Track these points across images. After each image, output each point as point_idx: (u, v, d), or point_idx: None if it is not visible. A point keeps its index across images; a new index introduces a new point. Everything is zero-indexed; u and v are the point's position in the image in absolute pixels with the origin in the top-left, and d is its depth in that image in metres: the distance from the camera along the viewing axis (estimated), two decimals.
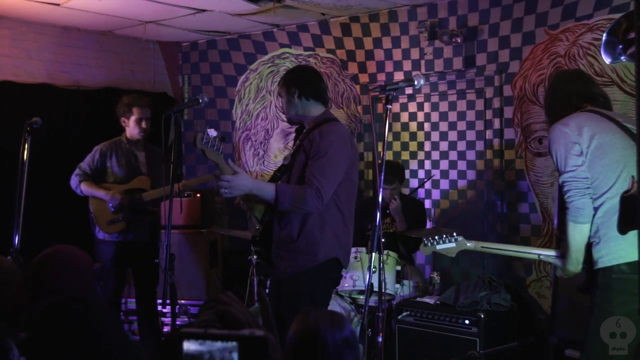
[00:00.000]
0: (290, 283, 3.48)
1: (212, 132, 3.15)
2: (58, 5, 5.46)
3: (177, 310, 3.64)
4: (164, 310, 5.34)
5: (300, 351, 1.95)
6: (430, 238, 3.25)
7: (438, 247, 3.12)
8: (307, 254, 3.44)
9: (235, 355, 1.16)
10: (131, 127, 5.02)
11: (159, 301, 5.21)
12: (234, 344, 1.16)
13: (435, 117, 5.83)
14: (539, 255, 3.29)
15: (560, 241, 3.21)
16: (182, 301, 5.65)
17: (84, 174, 5.01)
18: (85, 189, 4.97)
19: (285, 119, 3.74)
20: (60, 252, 2.53)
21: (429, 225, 5.26)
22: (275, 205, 3.33)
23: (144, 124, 5.03)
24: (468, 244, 3.34)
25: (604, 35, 3.01)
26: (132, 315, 5.71)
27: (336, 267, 3.55)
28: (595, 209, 3.01)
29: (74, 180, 5.00)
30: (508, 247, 3.32)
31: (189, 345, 1.16)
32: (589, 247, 3.06)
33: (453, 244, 3.13)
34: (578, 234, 3.02)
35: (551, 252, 3.25)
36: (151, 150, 5.19)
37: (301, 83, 3.55)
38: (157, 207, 5.10)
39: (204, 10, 5.82)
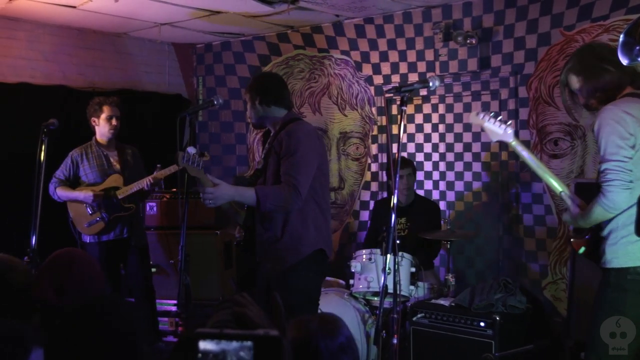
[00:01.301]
0: (279, 280, 3.62)
1: (191, 150, 3.39)
2: (74, 7, 5.50)
3: (191, 311, 3.67)
4: (179, 310, 5.37)
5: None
6: (487, 112, 3.13)
7: (486, 123, 3.01)
8: (292, 249, 3.62)
9: (250, 355, 1.17)
10: (101, 126, 5.10)
11: (174, 301, 5.26)
12: (249, 343, 1.18)
13: (449, 118, 5.81)
14: (561, 192, 3.16)
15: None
16: (196, 302, 5.67)
17: (59, 180, 5.10)
18: (61, 193, 5.06)
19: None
20: (76, 252, 2.56)
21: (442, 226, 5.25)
22: (257, 208, 3.51)
23: (114, 121, 5.11)
24: (510, 140, 3.20)
25: (621, 36, 2.97)
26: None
27: (322, 258, 3.73)
28: (623, 210, 2.90)
29: (50, 189, 5.08)
30: (538, 163, 3.18)
31: (205, 345, 1.18)
32: (601, 240, 2.99)
33: (500, 129, 3.03)
34: (601, 217, 2.93)
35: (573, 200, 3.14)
36: (122, 149, 5.26)
37: (263, 91, 3.76)
38: (133, 203, 5.16)
39: (218, 12, 5.84)
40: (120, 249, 5.14)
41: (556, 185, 3.18)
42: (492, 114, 3.13)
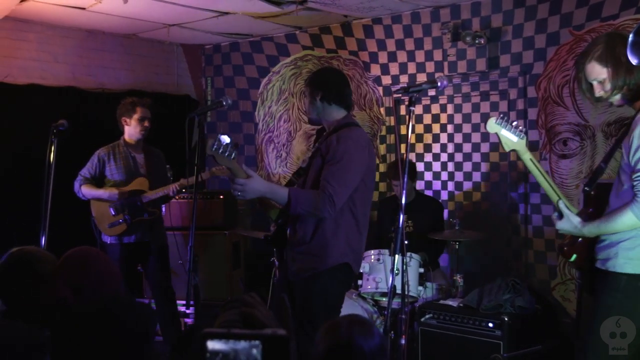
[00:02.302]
0: (302, 286, 3.51)
1: (225, 139, 3.21)
2: (84, 9, 5.53)
3: (200, 311, 3.67)
4: (187, 311, 5.39)
5: None
6: (503, 117, 2.94)
7: (503, 131, 2.88)
8: (318, 257, 3.46)
9: (258, 354, 1.17)
10: (132, 126, 5.09)
11: (183, 302, 5.27)
12: (257, 342, 1.18)
13: (458, 118, 5.80)
14: (558, 202, 3.00)
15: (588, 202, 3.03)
16: (205, 302, 5.69)
17: (85, 179, 5.09)
18: (86, 191, 5.05)
19: (306, 119, 3.77)
20: (92, 250, 2.57)
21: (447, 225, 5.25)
22: (287, 209, 3.37)
23: (146, 123, 5.10)
24: (522, 149, 2.97)
25: (631, 35, 2.91)
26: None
27: (347, 272, 3.55)
28: None
29: (75, 186, 5.08)
30: (543, 174, 2.98)
31: (213, 345, 1.18)
32: (610, 244, 2.90)
33: (515, 138, 2.85)
34: (630, 223, 2.77)
35: (572, 210, 3.00)
36: (150, 152, 5.24)
37: (325, 86, 3.54)
38: (157, 207, 5.17)
39: (227, 13, 5.85)
40: (141, 251, 5.15)
41: (554, 193, 3.04)
42: (508, 120, 2.94)
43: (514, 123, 2.84)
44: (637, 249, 2.82)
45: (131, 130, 5.10)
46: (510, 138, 2.85)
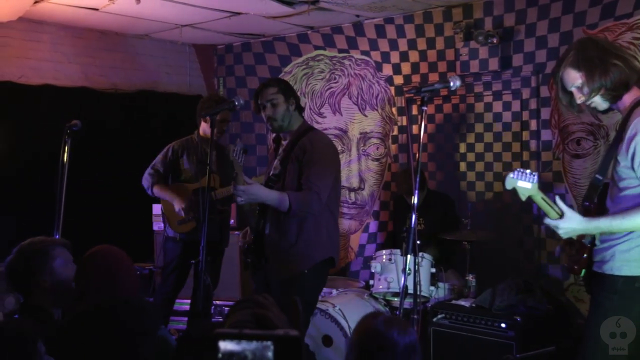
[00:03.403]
0: (287, 284, 3.68)
1: (239, 145, 3.59)
2: (96, 10, 5.55)
3: (212, 311, 3.70)
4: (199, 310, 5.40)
5: (368, 354, 1.95)
6: (516, 170, 2.86)
7: (519, 183, 2.88)
8: (306, 256, 3.69)
9: (270, 355, 1.18)
10: (207, 128, 5.03)
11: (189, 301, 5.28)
12: (269, 343, 1.19)
13: (470, 118, 5.78)
14: (555, 202, 2.88)
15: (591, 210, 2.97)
16: (217, 302, 5.69)
17: (157, 172, 5.07)
18: (157, 191, 5.06)
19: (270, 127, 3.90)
20: (103, 252, 2.58)
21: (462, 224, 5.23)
22: (287, 212, 3.58)
23: (224, 126, 5.07)
24: (535, 193, 2.85)
25: None
26: (181, 315, 5.74)
27: (330, 266, 3.85)
28: None
29: (146, 180, 5.08)
30: (552, 206, 2.87)
31: (225, 345, 1.19)
32: (606, 247, 2.87)
33: (529, 184, 2.79)
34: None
35: (554, 221, 2.89)
36: (221, 148, 5.20)
37: (295, 94, 3.83)
38: (227, 206, 5.15)
39: (239, 13, 5.86)
40: (207, 249, 5.11)
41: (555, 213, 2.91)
42: (521, 170, 2.86)
43: (527, 171, 2.82)
44: (634, 251, 2.79)
45: (206, 129, 5.02)
46: (525, 187, 2.80)
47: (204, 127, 5.07)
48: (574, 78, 2.85)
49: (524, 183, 2.81)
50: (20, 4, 5.18)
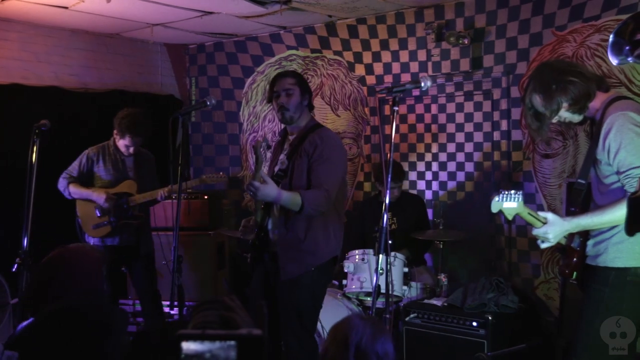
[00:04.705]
0: (293, 283, 3.64)
1: (265, 141, 3.59)
2: (66, 8, 5.48)
3: (184, 312, 3.67)
4: (172, 312, 5.37)
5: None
6: (500, 193, 2.95)
7: (505, 204, 2.94)
8: (313, 253, 3.66)
9: (234, 354, 1.18)
10: (119, 144, 5.03)
11: (167, 303, 5.24)
12: (233, 343, 1.19)
13: (442, 118, 5.82)
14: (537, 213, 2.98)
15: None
16: (190, 303, 5.66)
17: (71, 177, 5.02)
18: (73, 190, 4.99)
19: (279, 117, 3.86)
20: (68, 251, 2.54)
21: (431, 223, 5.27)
22: (299, 211, 3.52)
23: (131, 150, 5.03)
24: (521, 210, 2.93)
25: (611, 36, 2.99)
26: (139, 316, 5.73)
27: (334, 265, 3.84)
28: None
29: (61, 183, 5.01)
30: (538, 218, 2.95)
31: (188, 346, 1.18)
32: (600, 240, 2.95)
33: (515, 204, 2.89)
34: (623, 211, 2.74)
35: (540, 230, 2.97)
36: (140, 155, 5.18)
37: (310, 92, 3.86)
38: (143, 211, 5.13)
39: (211, 13, 5.84)
40: (125, 255, 5.09)
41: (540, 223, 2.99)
42: (503, 193, 2.95)
43: (511, 192, 2.90)
44: (626, 243, 2.87)
45: (118, 143, 5.05)
46: (511, 207, 2.90)
47: (119, 145, 5.03)
48: (537, 103, 3.02)
49: (510, 203, 2.91)
50: None
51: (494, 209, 2.93)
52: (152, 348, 1.83)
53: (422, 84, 3.28)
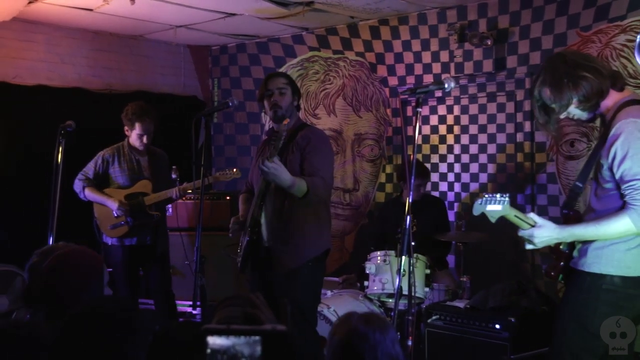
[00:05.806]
0: (291, 276, 3.70)
1: (285, 126, 3.62)
2: (91, 10, 5.55)
3: (207, 312, 3.68)
4: (194, 312, 5.39)
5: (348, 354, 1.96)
6: (483, 197, 2.96)
7: (487, 207, 2.91)
8: (309, 245, 3.75)
9: (259, 349, 1.20)
10: (133, 139, 5.05)
11: (189, 302, 5.27)
12: (257, 338, 1.21)
13: (465, 120, 5.79)
14: (528, 215, 2.96)
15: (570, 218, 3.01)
16: (212, 303, 5.68)
17: (87, 179, 5.05)
18: (89, 194, 5.02)
19: (270, 113, 3.92)
20: (67, 253, 2.52)
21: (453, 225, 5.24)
22: (304, 197, 3.59)
23: (145, 139, 5.03)
24: (507, 212, 2.93)
25: (638, 36, 2.94)
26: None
27: (326, 257, 3.93)
28: None
29: (77, 185, 5.05)
30: (525, 220, 2.94)
31: (214, 340, 1.20)
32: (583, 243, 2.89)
33: (500, 206, 2.86)
34: (621, 231, 2.72)
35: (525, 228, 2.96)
36: (154, 154, 5.21)
37: (299, 94, 4.01)
38: (159, 210, 5.15)
39: (233, 14, 5.86)
40: (143, 254, 5.13)
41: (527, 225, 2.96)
42: (487, 196, 2.94)
43: (497, 195, 2.87)
44: (607, 249, 2.79)
45: (132, 141, 5.07)
46: (496, 209, 2.86)
47: (132, 139, 5.05)
48: (547, 96, 2.89)
49: (494, 206, 2.88)
50: (14, 4, 5.17)
51: (476, 212, 2.91)
52: (173, 347, 1.84)
53: (446, 85, 3.25)
